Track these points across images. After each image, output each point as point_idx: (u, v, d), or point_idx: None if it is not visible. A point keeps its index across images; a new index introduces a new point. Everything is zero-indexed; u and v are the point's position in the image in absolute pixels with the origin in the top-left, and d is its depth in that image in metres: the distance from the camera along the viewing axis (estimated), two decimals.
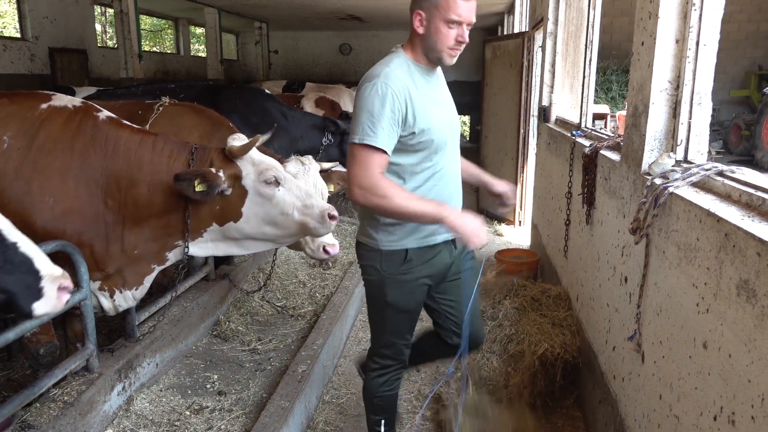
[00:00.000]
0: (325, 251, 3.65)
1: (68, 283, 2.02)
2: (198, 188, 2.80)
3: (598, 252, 3.29)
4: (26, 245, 1.95)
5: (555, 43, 5.55)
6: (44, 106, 2.91)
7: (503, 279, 4.82)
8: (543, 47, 5.97)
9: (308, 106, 8.51)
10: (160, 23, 18.59)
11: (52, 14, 11.02)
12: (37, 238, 2.61)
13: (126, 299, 3.12)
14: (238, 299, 4.55)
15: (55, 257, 2.68)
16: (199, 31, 17.85)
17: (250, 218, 3.04)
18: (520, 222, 7.61)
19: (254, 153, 3.06)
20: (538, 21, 6.38)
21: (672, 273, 2.12)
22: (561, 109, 5.56)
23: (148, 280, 3.16)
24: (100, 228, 2.89)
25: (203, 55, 16.62)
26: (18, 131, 2.79)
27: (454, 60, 2.39)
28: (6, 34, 12.30)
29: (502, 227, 7.63)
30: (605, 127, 9.93)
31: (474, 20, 2.30)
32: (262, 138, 3.13)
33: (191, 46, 17.61)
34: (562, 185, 4.30)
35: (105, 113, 3.03)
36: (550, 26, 5.57)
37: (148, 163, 2.92)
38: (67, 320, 3.21)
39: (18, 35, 10.75)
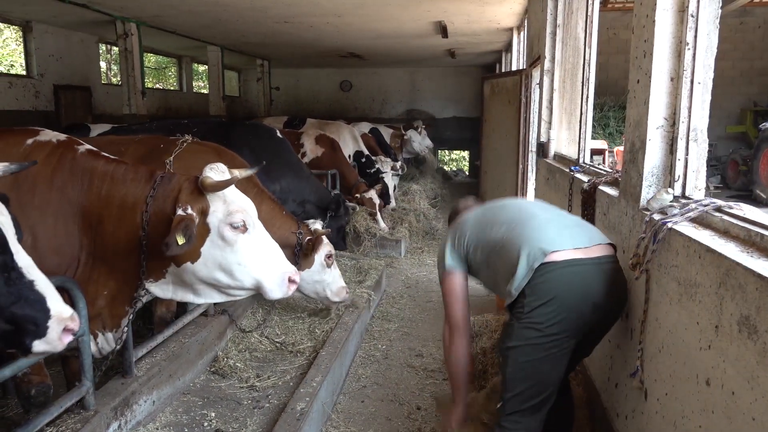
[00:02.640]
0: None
1: (74, 325, 2.04)
2: (180, 242, 2.55)
3: None
4: (43, 284, 2.00)
5: (552, 81, 5.63)
6: (30, 141, 2.85)
7: (504, 315, 4.79)
8: (540, 84, 6.06)
9: (308, 143, 8.55)
10: (163, 61, 18.89)
11: (57, 52, 11.24)
12: None
13: (108, 342, 3.03)
14: (236, 335, 4.51)
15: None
16: (202, 68, 18.13)
17: (207, 261, 2.76)
18: None
19: (229, 190, 2.81)
20: (535, 59, 6.50)
21: (673, 309, 2.11)
22: (559, 144, 5.61)
23: (124, 323, 3.01)
24: (74, 269, 2.79)
25: (205, 91, 16.85)
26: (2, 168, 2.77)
27: None
28: (12, 71, 12.49)
29: None
30: (603, 162, 10.00)
31: None
32: (245, 173, 2.94)
33: (194, 83, 17.86)
34: None
35: (85, 146, 2.91)
36: (547, 64, 5.67)
37: (114, 196, 2.76)
38: (65, 359, 3.18)
39: (24, 72, 10.93)
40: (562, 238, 2.47)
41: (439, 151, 20.01)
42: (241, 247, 2.75)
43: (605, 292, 2.40)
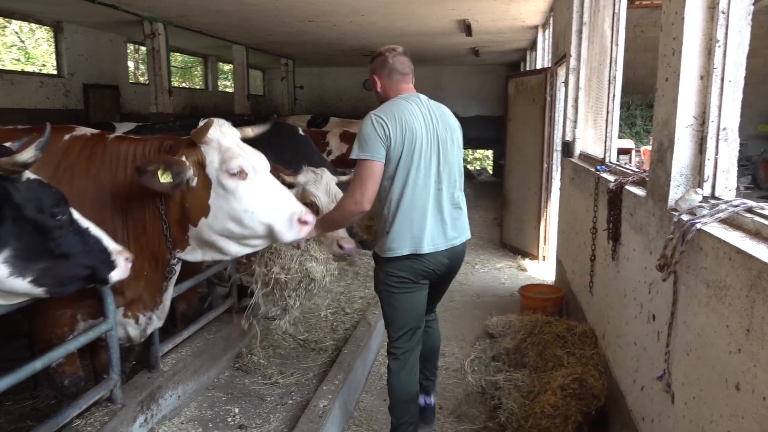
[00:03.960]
0: (340, 246, 3.48)
1: (129, 254, 2.46)
2: (163, 179, 2.57)
3: (624, 288, 3.24)
4: (94, 229, 2.37)
5: (578, 79, 5.57)
6: (66, 137, 2.95)
7: (527, 315, 4.77)
8: (566, 83, 5.99)
9: (333, 141, 8.69)
10: (190, 60, 19.12)
11: (87, 52, 11.45)
12: None
13: (151, 321, 3.10)
14: (260, 332, 4.54)
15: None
16: (227, 67, 18.30)
17: (216, 213, 2.76)
18: (544, 257, 7.53)
19: (223, 139, 2.80)
20: (560, 57, 6.43)
21: (702, 311, 2.08)
22: (585, 143, 5.55)
23: (167, 297, 3.08)
24: None
25: (230, 90, 17.02)
26: (43, 163, 2.83)
27: None
28: (44, 71, 12.77)
29: (526, 262, 7.55)
30: (630, 162, 9.85)
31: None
32: (223, 121, 2.90)
33: (219, 82, 18.05)
34: (587, 220, 4.26)
35: (114, 135, 3.01)
36: (572, 62, 5.60)
37: (130, 174, 2.79)
38: (93, 352, 3.24)
39: (55, 72, 11.16)
40: None
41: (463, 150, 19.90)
42: (244, 194, 2.73)
43: None
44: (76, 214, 2.32)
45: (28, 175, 2.18)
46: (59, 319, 2.84)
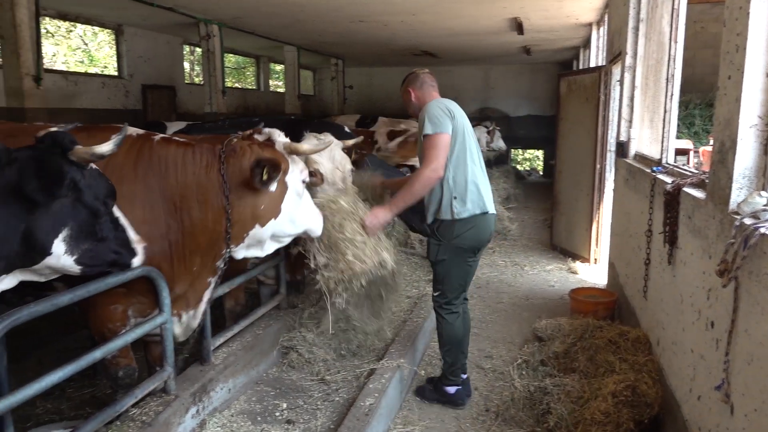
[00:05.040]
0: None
1: (145, 243, 2.61)
2: (264, 177, 2.81)
3: (681, 294, 3.13)
4: (123, 219, 2.53)
5: (634, 77, 5.42)
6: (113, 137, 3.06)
7: (578, 319, 4.67)
8: (621, 81, 5.84)
9: (381, 139, 8.76)
10: (242, 61, 19.53)
11: (146, 54, 11.86)
12: None
13: (193, 319, 3.19)
14: (308, 328, 4.60)
15: (138, 282, 2.84)
16: (279, 67, 18.60)
17: (285, 215, 3.02)
18: (595, 260, 7.35)
19: (303, 149, 3.17)
20: (615, 55, 6.27)
21: (765, 319, 1.99)
22: (640, 144, 5.39)
23: (207, 296, 3.19)
24: (166, 250, 2.94)
25: (282, 90, 17.31)
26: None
27: None
28: (105, 72, 13.31)
29: (576, 264, 7.39)
30: (688, 163, 9.50)
31: None
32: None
33: (270, 82, 18.38)
34: (642, 223, 4.14)
35: (159, 136, 3.09)
36: (628, 60, 5.45)
37: (192, 175, 2.92)
38: (146, 345, 3.35)
39: (115, 73, 11.60)
40: None
41: (512, 150, 19.66)
42: (305, 199, 3.10)
43: None
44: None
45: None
46: (112, 314, 2.95)
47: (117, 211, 2.53)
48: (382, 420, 3.45)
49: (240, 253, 3.13)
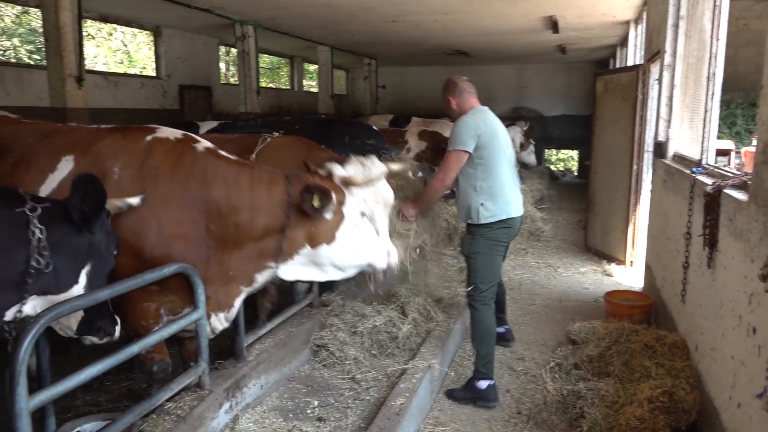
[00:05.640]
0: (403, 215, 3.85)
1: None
2: (315, 203, 2.95)
3: (721, 299, 3.05)
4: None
5: (673, 76, 5.30)
6: (149, 138, 3.10)
7: (613, 323, 4.58)
8: (660, 80, 5.71)
9: (412, 140, 8.81)
10: (277, 61, 19.73)
11: (183, 55, 12.09)
12: (144, 262, 2.83)
13: (220, 322, 3.24)
14: (340, 327, 4.63)
15: (169, 280, 2.89)
16: (312, 68, 18.74)
17: (340, 243, 3.14)
18: (631, 262, 7.20)
19: (363, 180, 3.26)
20: (654, 53, 6.13)
21: None
22: (679, 144, 5.27)
23: (237, 303, 3.25)
24: (203, 252, 3.01)
25: (315, 90, 17.42)
26: (126, 162, 2.99)
27: None
28: (144, 73, 13.61)
29: (612, 267, 7.26)
30: (729, 164, 9.25)
31: None
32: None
33: (304, 82, 18.52)
34: (680, 225, 4.05)
35: (203, 144, 3.18)
36: (667, 58, 5.33)
37: (248, 189, 3.04)
38: (181, 339, 3.42)
39: (154, 74, 11.85)
40: None
41: (546, 150, 19.41)
42: (365, 231, 3.20)
43: None
44: None
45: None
46: (145, 312, 3.04)
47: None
48: (412, 420, 3.45)
49: (291, 271, 3.21)
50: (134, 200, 2.63)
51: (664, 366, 3.63)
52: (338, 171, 3.24)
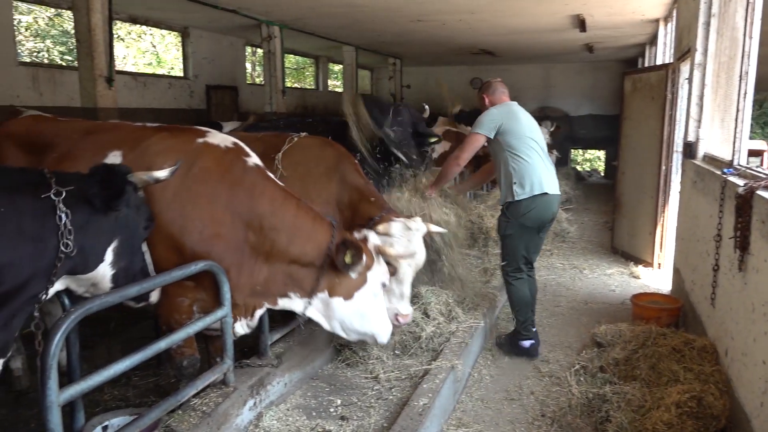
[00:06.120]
0: (396, 319, 3.76)
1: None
2: (347, 259, 3.05)
3: (753, 303, 2.98)
4: (147, 254, 2.83)
5: (704, 75, 5.19)
6: (200, 140, 3.17)
7: (640, 326, 4.52)
8: (690, 79, 5.60)
9: None
10: (302, 61, 19.85)
11: (210, 55, 12.24)
12: (185, 257, 2.88)
13: (242, 327, 3.30)
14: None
15: (203, 278, 2.94)
16: (337, 68, 18.80)
17: (354, 305, 3.24)
18: (659, 264, 7.08)
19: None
20: (684, 52, 6.02)
21: None
22: (710, 144, 5.17)
23: (257, 315, 3.31)
24: (239, 257, 3.07)
25: (340, 90, 17.49)
26: (176, 161, 3.06)
27: None
28: (172, 73, 13.82)
29: (639, 269, 7.15)
30: (761, 164, 9.05)
31: None
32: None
33: (329, 82, 18.60)
34: (710, 227, 3.97)
35: (253, 159, 3.25)
36: (698, 57, 5.23)
37: (292, 217, 3.13)
38: (209, 336, 3.46)
39: (181, 74, 12.02)
40: None
41: (573, 150, 19.19)
42: (379, 303, 3.33)
43: None
44: (144, 246, 2.83)
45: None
46: (179, 306, 3.09)
47: (144, 246, 2.79)
48: (435, 420, 3.44)
49: (297, 305, 3.27)
50: (162, 174, 2.63)
51: (693, 370, 3.56)
52: (374, 239, 3.39)
